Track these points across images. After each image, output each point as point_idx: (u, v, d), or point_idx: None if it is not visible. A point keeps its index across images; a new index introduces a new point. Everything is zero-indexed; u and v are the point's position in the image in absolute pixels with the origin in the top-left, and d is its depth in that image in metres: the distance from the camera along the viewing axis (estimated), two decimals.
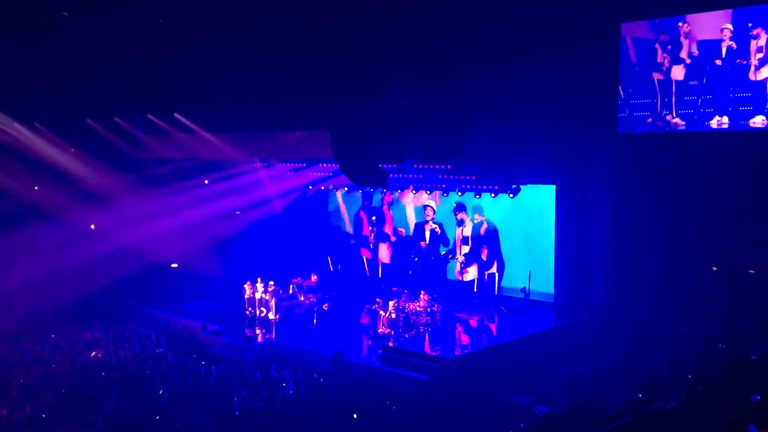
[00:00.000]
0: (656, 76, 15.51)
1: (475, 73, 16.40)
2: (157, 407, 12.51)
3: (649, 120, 15.62)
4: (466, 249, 20.52)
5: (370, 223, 22.94)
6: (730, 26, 14.55)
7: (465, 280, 20.54)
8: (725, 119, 14.68)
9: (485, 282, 20.16)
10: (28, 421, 11.84)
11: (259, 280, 19.13)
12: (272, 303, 18.81)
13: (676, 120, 15.28)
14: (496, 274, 20.04)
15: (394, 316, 17.25)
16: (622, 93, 15.94)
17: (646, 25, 15.61)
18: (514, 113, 16.32)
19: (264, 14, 16.69)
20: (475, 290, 20.15)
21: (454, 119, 16.75)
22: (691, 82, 15.06)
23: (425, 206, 21.43)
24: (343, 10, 15.74)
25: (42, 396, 12.93)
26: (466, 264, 20.44)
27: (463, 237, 20.61)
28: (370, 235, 22.97)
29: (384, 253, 22.70)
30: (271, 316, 18.70)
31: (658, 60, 15.42)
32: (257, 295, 18.95)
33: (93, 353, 15.88)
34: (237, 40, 17.50)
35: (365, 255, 23.13)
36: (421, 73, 16.32)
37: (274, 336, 17.30)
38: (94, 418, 11.97)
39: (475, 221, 20.36)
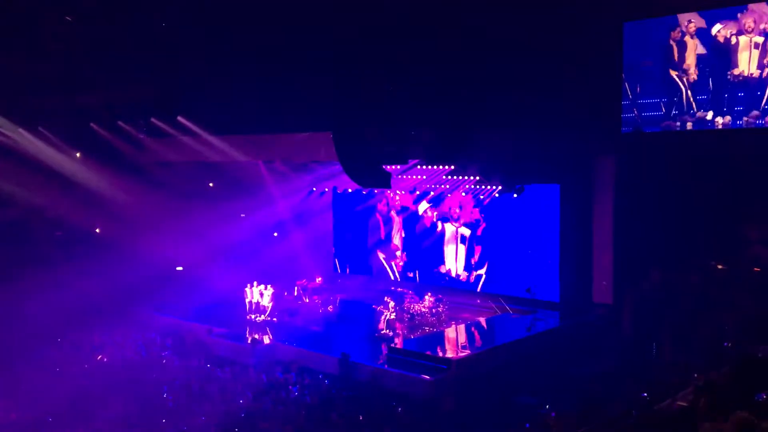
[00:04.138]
0: (668, 74, 15.46)
1: (479, 74, 16.39)
2: (162, 409, 12.53)
3: (660, 119, 15.58)
4: (462, 249, 20.58)
5: (386, 227, 22.91)
6: (720, 26, 14.54)
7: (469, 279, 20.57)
8: (728, 118, 14.65)
9: (470, 282, 20.24)
10: (35, 424, 11.87)
11: (255, 283, 19.15)
12: (268, 305, 18.82)
13: (685, 118, 15.24)
14: (483, 276, 20.08)
15: (393, 316, 17.27)
16: (629, 93, 15.90)
17: (655, 24, 15.56)
18: (518, 113, 16.30)
19: (266, 17, 16.72)
20: (479, 290, 20.13)
21: (457, 120, 16.73)
22: (700, 81, 15.02)
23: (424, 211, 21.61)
24: (345, 12, 15.75)
25: (49, 399, 12.96)
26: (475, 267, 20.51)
27: (462, 236, 20.63)
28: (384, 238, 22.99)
29: (397, 255, 22.71)
30: (259, 318, 18.70)
31: (670, 58, 15.37)
32: (254, 299, 18.98)
33: (99, 356, 15.92)
34: (240, 43, 17.52)
35: (382, 258, 23.06)
36: (424, 75, 16.31)
37: (271, 338, 17.31)
38: (100, 421, 12.00)
39: (474, 217, 20.40)
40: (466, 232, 20.56)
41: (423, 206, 21.68)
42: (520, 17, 15.49)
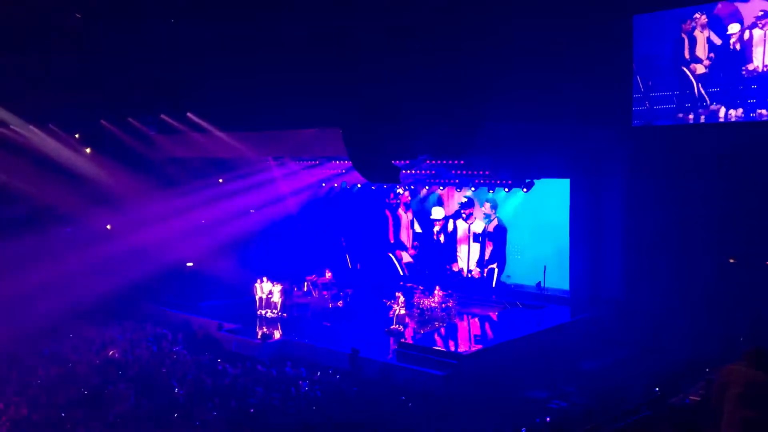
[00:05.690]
0: (679, 67, 15.34)
1: (488, 68, 16.32)
2: (174, 405, 12.57)
3: (673, 112, 15.45)
4: (475, 246, 20.51)
5: (396, 222, 22.84)
6: (738, 26, 14.41)
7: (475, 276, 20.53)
8: (740, 111, 14.53)
9: (483, 277, 20.15)
10: (47, 420, 11.93)
11: (265, 279, 19.15)
12: (278, 302, 18.81)
13: (697, 111, 15.12)
14: (496, 270, 19.98)
15: (403, 311, 17.26)
16: (641, 85, 15.79)
17: (666, 15, 15.43)
18: (527, 107, 16.23)
19: (276, 12, 16.71)
20: (494, 285, 20.05)
21: (466, 114, 16.67)
22: (712, 73, 14.89)
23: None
24: (354, 6, 15.73)
25: (61, 395, 13.02)
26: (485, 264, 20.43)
27: (475, 234, 20.56)
28: (393, 233, 22.91)
29: (404, 255, 22.62)
30: (269, 314, 18.72)
31: (681, 50, 15.24)
32: (263, 295, 19.00)
33: (110, 352, 15.99)
34: (249, 38, 17.53)
35: (392, 253, 22.97)
36: (433, 69, 16.27)
37: (281, 334, 17.33)
38: (112, 416, 12.05)
39: (484, 211, 20.30)
40: (478, 228, 20.50)
41: (437, 212, 21.60)
42: (529, 10, 15.42)
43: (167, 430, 11.69)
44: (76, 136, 22.23)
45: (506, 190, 19.09)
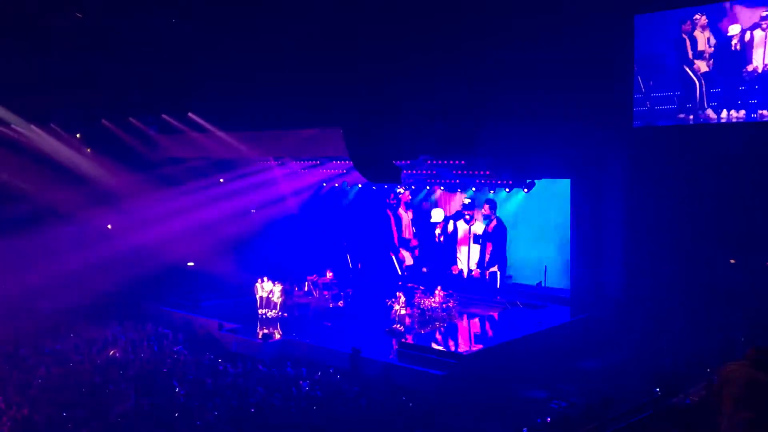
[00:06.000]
0: (681, 67, 15.33)
1: (489, 68, 16.34)
2: (175, 405, 12.58)
3: (673, 112, 15.45)
4: (476, 248, 20.47)
5: (397, 223, 22.81)
6: (738, 27, 14.40)
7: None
8: (743, 112, 14.53)
9: (486, 279, 20.14)
10: (49, 420, 11.94)
11: (265, 279, 19.14)
12: (278, 301, 18.79)
13: (698, 112, 15.11)
14: (498, 272, 19.96)
15: (404, 311, 17.26)
16: (642, 86, 15.78)
17: (667, 16, 15.42)
18: (528, 107, 16.24)
19: (276, 12, 16.72)
20: (498, 286, 20.04)
21: (467, 114, 16.70)
22: (713, 74, 14.88)
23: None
24: (355, 4, 15.74)
25: (62, 395, 13.03)
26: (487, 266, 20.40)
27: (475, 236, 20.53)
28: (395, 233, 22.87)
29: (406, 255, 22.59)
30: (270, 314, 18.71)
31: (683, 51, 15.22)
32: (264, 294, 19.00)
33: (111, 352, 16.00)
34: (250, 38, 17.55)
35: (392, 253, 22.92)
36: (433, 68, 16.28)
37: (281, 334, 17.34)
38: (113, 416, 12.06)
39: (484, 213, 20.25)
40: (479, 229, 20.48)
41: (437, 214, 21.58)
42: (529, 9, 15.42)
43: (168, 430, 11.70)
44: (77, 136, 22.26)
45: (507, 190, 19.08)
